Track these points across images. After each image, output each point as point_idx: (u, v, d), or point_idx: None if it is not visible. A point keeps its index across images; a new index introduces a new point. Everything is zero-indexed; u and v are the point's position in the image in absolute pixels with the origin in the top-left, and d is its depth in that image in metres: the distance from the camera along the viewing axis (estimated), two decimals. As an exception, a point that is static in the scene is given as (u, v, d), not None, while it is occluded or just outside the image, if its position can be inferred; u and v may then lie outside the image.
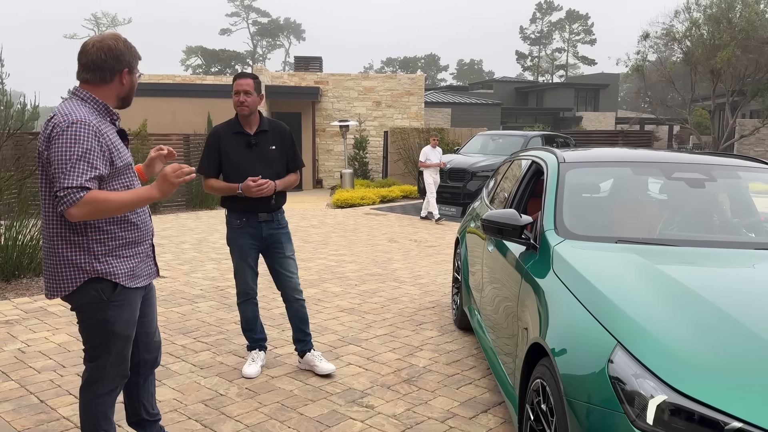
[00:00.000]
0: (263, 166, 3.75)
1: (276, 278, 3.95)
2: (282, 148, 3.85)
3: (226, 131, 3.80)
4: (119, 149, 2.39)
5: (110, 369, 2.49)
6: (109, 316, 2.40)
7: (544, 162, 3.72)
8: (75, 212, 2.20)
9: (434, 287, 6.41)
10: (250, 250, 3.85)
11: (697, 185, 3.45)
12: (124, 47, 2.43)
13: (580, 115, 42.09)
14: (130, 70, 2.46)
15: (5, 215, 6.40)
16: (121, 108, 2.53)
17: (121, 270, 2.41)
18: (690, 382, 1.82)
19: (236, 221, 3.83)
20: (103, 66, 2.38)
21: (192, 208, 13.19)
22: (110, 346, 2.45)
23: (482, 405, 3.55)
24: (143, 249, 2.53)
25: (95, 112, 2.38)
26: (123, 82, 2.44)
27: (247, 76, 3.75)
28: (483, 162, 12.53)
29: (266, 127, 3.82)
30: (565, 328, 2.31)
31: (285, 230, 3.93)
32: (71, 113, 2.28)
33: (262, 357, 4.00)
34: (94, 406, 2.51)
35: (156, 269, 2.66)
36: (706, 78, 23.48)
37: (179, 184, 2.39)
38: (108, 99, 2.44)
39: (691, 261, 2.72)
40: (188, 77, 22.03)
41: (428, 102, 31.13)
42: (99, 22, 67.37)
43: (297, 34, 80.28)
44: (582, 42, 77.37)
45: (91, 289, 2.36)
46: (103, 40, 2.41)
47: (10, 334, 4.60)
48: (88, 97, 2.39)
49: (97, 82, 2.40)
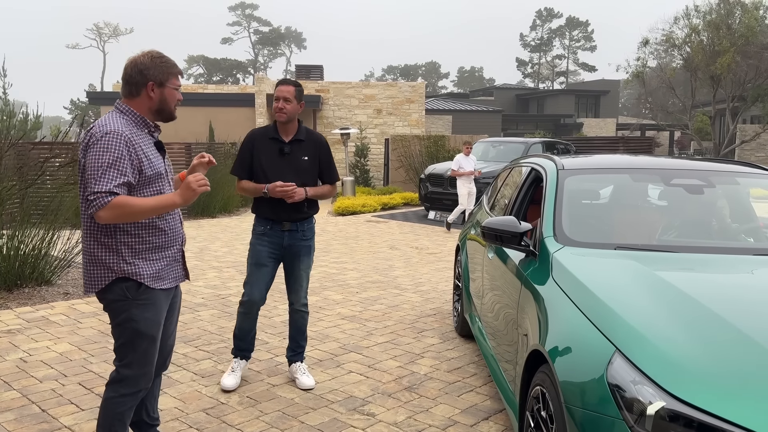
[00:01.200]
0: (292, 175, 3.71)
1: (287, 285, 3.95)
2: (316, 160, 3.81)
3: (262, 136, 3.79)
4: (151, 159, 2.53)
5: (136, 369, 2.58)
6: (133, 314, 2.53)
7: (543, 169, 3.73)
8: (103, 215, 2.36)
9: (435, 294, 6.42)
10: (268, 258, 3.80)
11: (695, 191, 3.46)
12: (150, 62, 2.54)
13: (581, 122, 42.17)
14: (158, 83, 2.54)
15: (8, 225, 6.42)
16: (163, 121, 2.65)
17: (147, 271, 2.54)
18: (689, 389, 1.83)
19: (260, 228, 3.81)
20: (131, 80, 2.54)
21: (194, 216, 13.22)
22: (136, 344, 2.56)
23: (483, 412, 3.55)
24: (171, 253, 2.65)
25: (132, 123, 2.53)
26: (150, 95, 2.55)
27: (289, 83, 3.73)
28: (484, 169, 12.55)
29: (302, 136, 3.80)
30: (564, 335, 2.32)
31: (308, 243, 3.86)
32: (107, 125, 2.44)
33: (242, 366, 3.93)
34: (114, 405, 2.60)
35: (185, 273, 2.77)
36: (706, 84, 23.53)
37: (200, 192, 2.52)
38: (143, 112, 2.57)
39: (690, 267, 2.73)
40: (190, 86, 22.12)
41: (429, 109, 31.22)
42: (101, 33, 67.74)
43: (298, 43, 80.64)
44: (582, 49, 77.66)
45: (117, 287, 2.51)
46: (136, 55, 2.57)
47: (12, 344, 4.61)
48: (126, 110, 2.55)
49: (129, 96, 2.56)
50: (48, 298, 5.91)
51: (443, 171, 12.89)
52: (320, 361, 4.36)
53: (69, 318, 5.31)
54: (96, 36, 67.86)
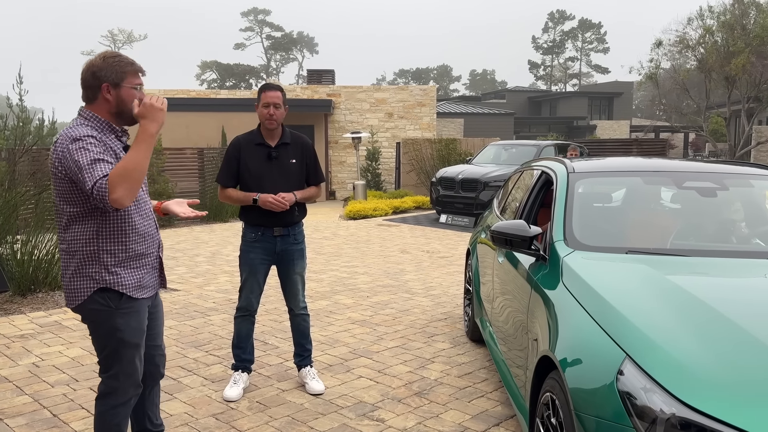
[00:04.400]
0: (282, 179, 3.75)
1: (284, 290, 3.96)
2: (303, 162, 3.84)
3: (248, 142, 3.79)
4: None
5: (123, 379, 2.54)
6: (118, 323, 2.48)
7: (553, 172, 3.70)
8: (116, 195, 2.22)
9: (446, 299, 6.39)
10: (261, 265, 3.83)
11: (709, 194, 3.41)
12: (103, 62, 2.41)
13: (594, 124, 41.92)
14: (113, 84, 2.41)
15: (22, 230, 6.49)
16: (127, 124, 2.53)
17: (129, 281, 2.49)
18: (700, 396, 1.79)
19: (251, 234, 3.82)
20: (86, 84, 2.44)
21: (206, 221, 13.29)
22: (121, 354, 2.51)
23: (494, 418, 3.51)
24: (149, 261, 2.60)
25: (97, 129, 2.43)
26: (107, 98, 2.43)
27: (276, 89, 3.73)
28: (495, 172, 12.51)
29: (288, 140, 3.81)
30: (574, 341, 2.29)
31: (300, 246, 3.89)
32: (72, 132, 2.35)
33: (245, 379, 3.89)
34: (110, 417, 2.57)
35: (161, 281, 2.72)
36: (720, 85, 23.31)
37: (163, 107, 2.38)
38: (106, 116, 2.46)
39: (703, 271, 2.68)
40: (203, 91, 22.27)
41: (441, 113, 31.19)
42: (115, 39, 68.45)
43: (310, 48, 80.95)
44: (595, 51, 77.25)
45: (99, 297, 2.45)
46: (89, 60, 2.45)
47: (25, 348, 4.64)
48: (90, 116, 2.45)
49: (89, 101, 2.45)
50: (61, 303, 5.95)
51: (455, 174, 12.86)
52: (330, 366, 4.35)
53: (81, 323, 5.33)
54: (110, 42, 68.56)
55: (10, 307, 5.77)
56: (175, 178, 13.27)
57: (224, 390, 3.82)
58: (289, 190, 3.75)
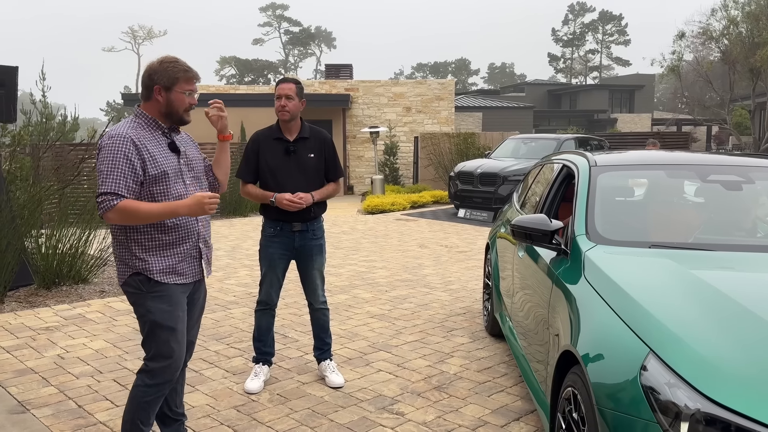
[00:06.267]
0: (300, 174, 3.76)
1: (303, 285, 3.98)
2: (321, 157, 3.84)
3: (266, 137, 3.81)
4: (156, 159, 2.60)
5: (160, 360, 2.67)
6: (149, 306, 2.64)
7: (575, 165, 3.67)
8: (111, 216, 2.51)
9: (465, 293, 6.37)
10: (280, 260, 3.85)
11: (734, 188, 3.36)
12: (159, 66, 2.63)
13: (615, 117, 41.41)
14: (164, 87, 2.62)
15: (46, 224, 6.59)
16: (178, 124, 2.73)
17: (156, 267, 2.64)
18: (726, 392, 1.77)
19: (270, 229, 3.84)
20: (143, 84, 2.68)
21: (226, 215, 13.39)
22: (156, 335, 2.66)
23: (514, 413, 3.50)
24: (184, 249, 2.72)
25: (143, 126, 2.64)
26: (158, 99, 2.64)
27: (289, 81, 3.75)
28: (514, 166, 12.41)
29: (307, 134, 3.82)
30: (596, 336, 2.27)
31: (319, 241, 3.89)
32: (115, 129, 2.58)
33: (265, 372, 3.92)
34: (140, 393, 2.69)
35: (201, 270, 2.83)
36: (745, 77, 22.88)
37: (208, 213, 2.62)
38: (155, 114, 2.67)
39: (728, 266, 2.64)
40: (222, 87, 22.40)
41: (459, 106, 31.03)
42: (136, 35, 69.11)
43: (328, 42, 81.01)
44: (616, 43, 76.23)
45: (133, 281, 2.65)
46: (151, 61, 2.68)
47: (50, 341, 4.73)
48: (139, 113, 2.67)
49: (144, 99, 2.68)
50: (85, 296, 6.05)
51: (473, 169, 12.80)
52: (349, 359, 4.37)
53: (105, 315, 5.42)
54: (131, 39, 69.26)
55: (36, 300, 5.87)
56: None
57: (245, 382, 3.85)
58: (307, 184, 3.75)
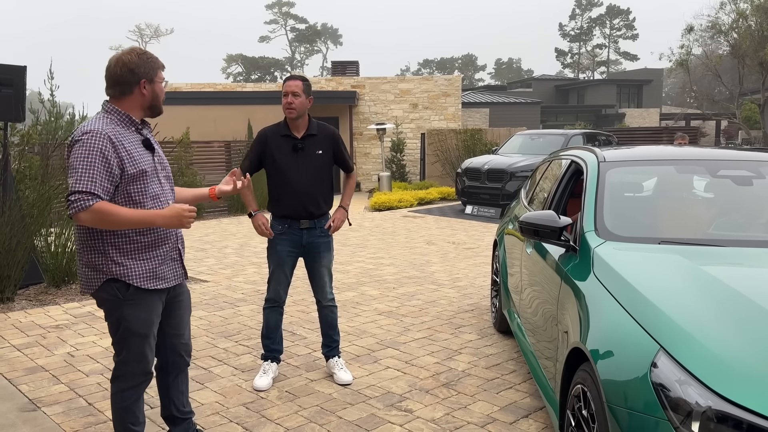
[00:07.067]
0: (307, 171, 3.77)
1: (311, 282, 3.98)
2: (329, 153, 3.85)
3: (274, 133, 3.82)
4: (134, 157, 2.50)
5: (131, 365, 2.61)
6: (125, 314, 2.54)
7: (583, 161, 3.65)
8: (83, 217, 2.35)
9: (473, 290, 6.36)
10: (288, 257, 3.86)
11: (744, 183, 3.33)
12: (139, 59, 2.54)
13: (623, 112, 41.19)
14: (149, 80, 2.56)
15: (55, 223, 6.63)
16: (153, 116, 2.65)
17: (137, 271, 2.53)
18: (737, 389, 1.75)
19: (278, 226, 3.85)
20: (121, 80, 2.52)
21: (234, 213, 13.42)
22: (129, 342, 2.58)
23: (523, 410, 3.49)
24: (164, 252, 2.63)
25: (118, 122, 2.53)
26: (143, 92, 2.56)
27: (296, 78, 3.75)
28: (522, 162, 12.38)
29: (314, 131, 3.81)
30: (606, 333, 2.26)
31: (326, 239, 3.90)
32: (88, 125, 2.45)
33: (274, 369, 3.93)
34: (119, 399, 2.65)
35: (183, 272, 2.76)
36: (754, 71, 22.71)
37: (184, 225, 2.51)
38: (132, 110, 2.57)
39: (738, 262, 2.62)
40: (229, 85, 22.44)
41: (466, 102, 30.94)
42: (143, 33, 69.31)
43: (334, 39, 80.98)
44: (623, 37, 75.73)
45: (108, 288, 2.51)
46: (121, 55, 2.56)
47: (60, 338, 4.76)
48: (112, 110, 2.54)
49: (118, 96, 2.55)
50: (94, 294, 6.08)
51: (480, 165, 12.77)
52: (357, 356, 4.37)
53: (114, 313, 5.45)
54: (138, 37, 69.46)
55: (45, 298, 5.91)
56: (203, 171, 13.43)
57: (254, 379, 3.86)
58: (315, 181, 3.77)
